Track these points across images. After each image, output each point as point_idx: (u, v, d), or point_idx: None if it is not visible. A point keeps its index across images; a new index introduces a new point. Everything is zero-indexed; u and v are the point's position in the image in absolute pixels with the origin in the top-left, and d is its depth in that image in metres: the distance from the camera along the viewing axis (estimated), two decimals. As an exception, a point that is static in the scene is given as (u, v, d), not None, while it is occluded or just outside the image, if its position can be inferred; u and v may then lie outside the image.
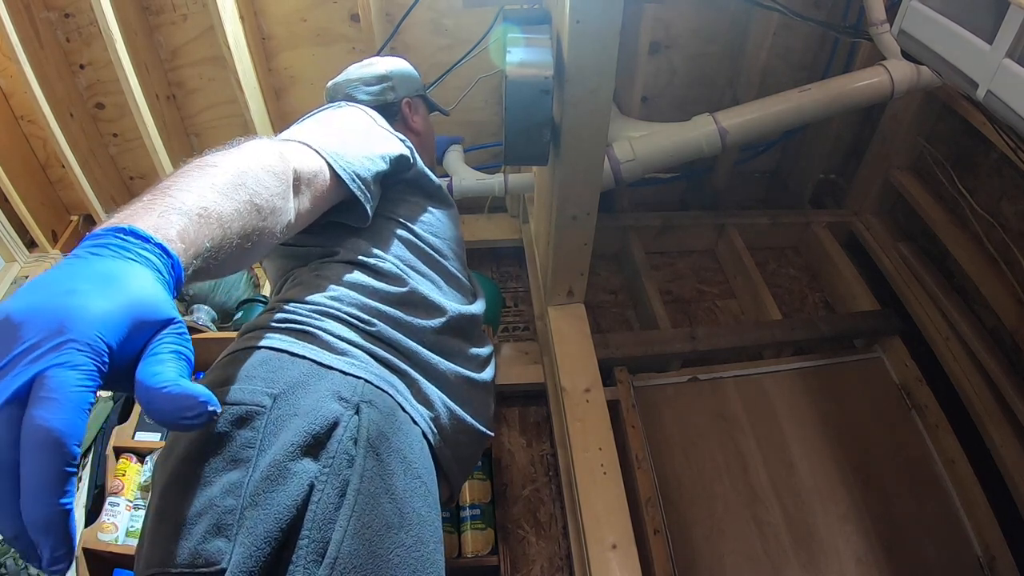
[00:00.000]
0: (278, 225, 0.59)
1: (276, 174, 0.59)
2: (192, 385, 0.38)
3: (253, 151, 0.60)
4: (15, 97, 1.85)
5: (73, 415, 0.34)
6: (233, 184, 0.53)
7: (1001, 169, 1.63)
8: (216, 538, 0.53)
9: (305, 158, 0.68)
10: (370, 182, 0.77)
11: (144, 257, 0.41)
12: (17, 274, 1.93)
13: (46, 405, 0.33)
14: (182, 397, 0.37)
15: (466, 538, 1.34)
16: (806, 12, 1.67)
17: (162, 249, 0.43)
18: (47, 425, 0.33)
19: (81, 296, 0.36)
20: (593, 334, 1.48)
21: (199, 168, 0.53)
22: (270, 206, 0.57)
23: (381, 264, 0.81)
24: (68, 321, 0.35)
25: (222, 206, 0.51)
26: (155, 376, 0.37)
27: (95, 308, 0.36)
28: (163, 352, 0.39)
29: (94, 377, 0.35)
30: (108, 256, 0.40)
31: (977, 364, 1.59)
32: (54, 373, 0.34)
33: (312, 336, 0.70)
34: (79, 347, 0.35)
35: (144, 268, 0.41)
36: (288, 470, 0.57)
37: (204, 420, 0.38)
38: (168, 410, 0.37)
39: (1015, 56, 0.77)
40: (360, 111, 0.89)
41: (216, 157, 0.56)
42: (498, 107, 1.89)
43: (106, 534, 1.29)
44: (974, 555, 1.40)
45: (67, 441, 0.33)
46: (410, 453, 0.68)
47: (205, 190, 0.50)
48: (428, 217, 0.93)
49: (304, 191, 0.66)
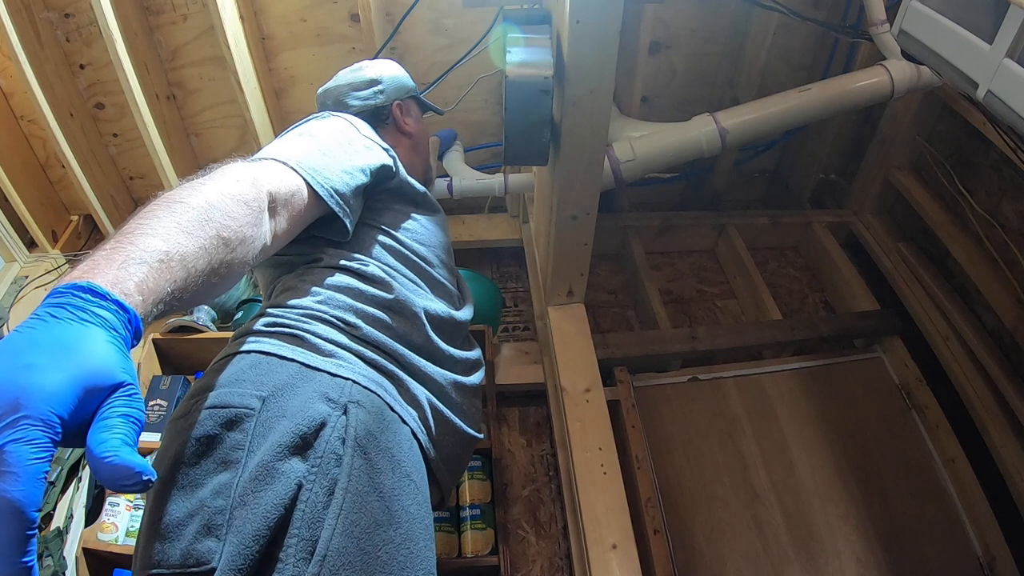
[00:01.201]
0: (250, 253, 0.60)
1: (247, 203, 0.60)
2: (131, 457, 0.41)
3: (223, 181, 0.60)
4: (15, 97, 1.85)
5: (30, 486, 0.37)
6: (199, 221, 0.54)
7: (1001, 169, 1.63)
8: (207, 538, 0.55)
9: (281, 178, 0.68)
10: (349, 197, 0.78)
11: (100, 316, 0.44)
12: (17, 274, 1.93)
13: (5, 478, 0.36)
14: (121, 468, 0.40)
15: (466, 538, 1.34)
16: (806, 12, 1.67)
17: (119, 305, 0.45)
18: (7, 497, 0.36)
19: (36, 372, 0.40)
20: (593, 334, 1.48)
21: (166, 206, 0.54)
22: (239, 237, 0.58)
23: (365, 268, 0.82)
24: (23, 398, 0.38)
25: (186, 246, 0.52)
26: (100, 444, 0.40)
27: (48, 384, 0.39)
28: (112, 417, 0.42)
29: (48, 448, 0.38)
30: (65, 319, 0.43)
31: (977, 364, 1.59)
32: (11, 448, 0.37)
33: (300, 339, 0.71)
34: (32, 423, 0.38)
35: (99, 331, 0.43)
36: (276, 470, 0.58)
37: (140, 488, 0.41)
38: (109, 478, 0.40)
39: (1015, 56, 0.77)
40: (343, 121, 0.89)
41: (185, 191, 0.57)
42: (498, 107, 1.89)
43: (106, 534, 1.29)
44: (974, 555, 1.40)
45: (26, 510, 0.37)
46: (399, 452, 0.69)
47: (171, 230, 0.52)
48: (412, 224, 0.93)
49: (281, 212, 0.67)
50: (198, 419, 0.61)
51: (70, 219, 2.11)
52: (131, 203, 2.09)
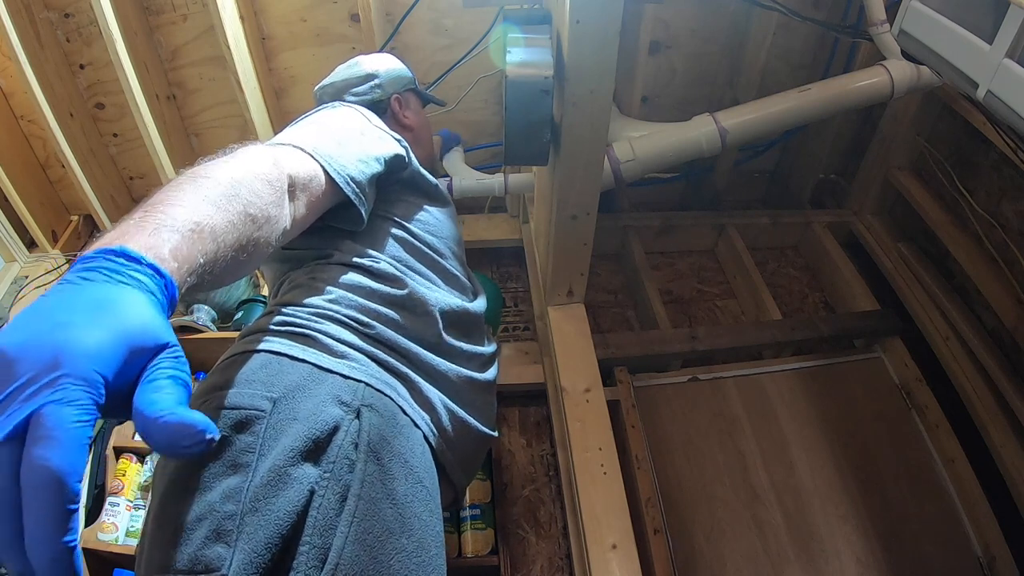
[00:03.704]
0: (273, 233, 0.59)
1: (270, 182, 0.59)
2: (190, 413, 0.37)
3: (246, 159, 0.59)
4: (15, 97, 1.85)
5: (72, 453, 0.33)
6: (227, 195, 0.53)
7: (1001, 169, 1.63)
8: (216, 544, 0.53)
9: (300, 163, 0.67)
10: (365, 185, 0.77)
11: (136, 279, 0.40)
12: (17, 274, 1.93)
13: (45, 444, 0.33)
14: (180, 426, 0.37)
15: (466, 538, 1.34)
16: (806, 12, 1.67)
17: (154, 269, 0.42)
18: (47, 464, 0.32)
19: (74, 328, 0.36)
20: (593, 334, 1.48)
21: (191, 180, 0.53)
22: (265, 215, 0.56)
23: (376, 265, 0.80)
24: (62, 356, 0.35)
25: (215, 219, 0.50)
26: (152, 405, 0.37)
27: (89, 340, 0.36)
28: (160, 379, 0.39)
29: (91, 411, 0.35)
30: (100, 281, 0.39)
31: (977, 364, 1.59)
32: (51, 410, 0.33)
33: (311, 339, 0.69)
34: (74, 382, 0.34)
35: (137, 291, 0.40)
36: (288, 475, 0.56)
37: (203, 448, 0.38)
38: (166, 439, 0.37)
39: (1015, 56, 0.77)
40: (354, 111, 0.89)
41: (209, 168, 0.55)
42: (498, 107, 1.89)
43: (106, 534, 1.29)
44: (974, 555, 1.40)
45: (68, 480, 0.33)
46: (411, 457, 0.68)
47: (198, 203, 0.50)
48: (425, 216, 0.92)
49: (299, 196, 0.66)
50: None
51: (70, 219, 2.11)
52: (131, 203, 2.09)
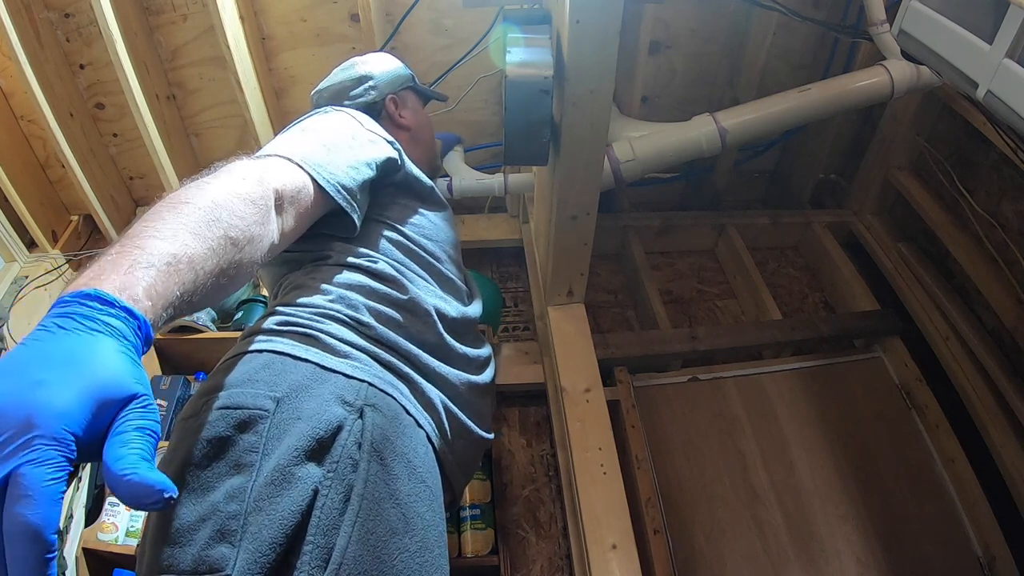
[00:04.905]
0: (257, 252, 0.59)
1: (253, 201, 0.59)
2: (151, 473, 0.40)
3: (229, 180, 0.59)
4: (15, 97, 1.85)
5: (46, 509, 0.36)
6: (206, 221, 0.53)
7: (1001, 169, 1.63)
8: (220, 544, 0.53)
9: (287, 175, 0.67)
10: (356, 191, 0.77)
11: (108, 325, 0.43)
12: (17, 274, 1.92)
13: (23, 502, 0.36)
14: (141, 486, 0.39)
15: (466, 538, 1.34)
16: (806, 12, 1.67)
17: (128, 312, 0.44)
18: (25, 521, 0.36)
19: (46, 388, 0.39)
20: (593, 334, 1.48)
21: (171, 208, 0.53)
22: (247, 236, 0.57)
23: (375, 265, 0.80)
24: (35, 417, 0.37)
25: (193, 248, 0.51)
26: (118, 461, 0.39)
27: (58, 401, 0.38)
28: (128, 431, 0.41)
29: (64, 468, 0.38)
30: (73, 330, 0.41)
31: (977, 364, 1.59)
32: (26, 471, 0.36)
33: (314, 339, 0.69)
34: (46, 443, 0.37)
35: (109, 340, 0.42)
36: (292, 475, 0.57)
37: (161, 507, 0.40)
38: (129, 495, 0.39)
39: (1015, 56, 0.77)
40: (346, 115, 0.88)
41: (189, 191, 0.56)
42: (498, 107, 1.89)
43: (106, 534, 1.29)
44: (974, 555, 1.40)
45: (44, 532, 0.36)
46: (414, 457, 0.68)
47: (177, 232, 0.50)
48: (420, 219, 0.92)
49: (288, 209, 0.66)
50: (209, 420, 0.59)
51: (70, 219, 2.11)
52: (131, 203, 2.09)
